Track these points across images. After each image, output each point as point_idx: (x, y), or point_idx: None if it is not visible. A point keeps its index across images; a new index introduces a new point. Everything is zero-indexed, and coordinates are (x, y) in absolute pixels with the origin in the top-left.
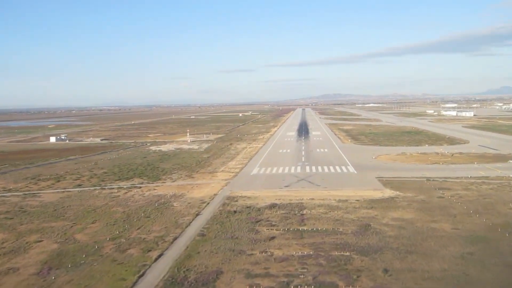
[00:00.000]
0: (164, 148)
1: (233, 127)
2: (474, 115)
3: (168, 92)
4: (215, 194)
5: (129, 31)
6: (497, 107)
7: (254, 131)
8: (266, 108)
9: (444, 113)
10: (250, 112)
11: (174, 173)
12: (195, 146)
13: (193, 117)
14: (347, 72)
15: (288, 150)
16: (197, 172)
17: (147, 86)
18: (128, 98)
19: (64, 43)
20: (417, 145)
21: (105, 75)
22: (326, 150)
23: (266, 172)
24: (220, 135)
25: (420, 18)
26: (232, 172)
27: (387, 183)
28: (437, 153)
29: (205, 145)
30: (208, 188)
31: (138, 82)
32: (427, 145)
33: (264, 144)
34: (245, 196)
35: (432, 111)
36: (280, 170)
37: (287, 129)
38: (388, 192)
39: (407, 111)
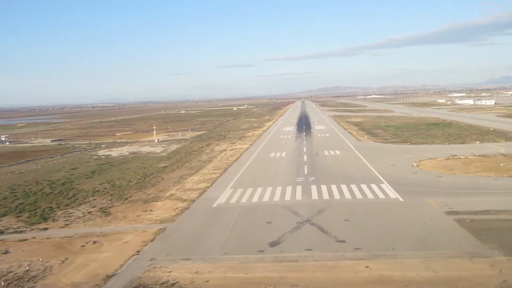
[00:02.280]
0: (116, 152)
1: (221, 122)
2: (495, 104)
3: (167, 88)
4: (108, 276)
5: (128, 28)
6: (509, 95)
7: (244, 126)
8: (264, 102)
9: (459, 102)
10: (246, 106)
11: (88, 201)
12: (158, 149)
13: (184, 112)
14: (346, 64)
15: (284, 154)
16: (126, 199)
17: (146, 82)
18: (127, 95)
19: (64, 41)
20: (463, 143)
21: (106, 73)
22: (337, 152)
23: (241, 201)
24: (201, 132)
25: (419, 9)
26: (184, 201)
27: (479, 230)
28: (507, 156)
29: (173, 147)
30: (113, 250)
31: (138, 79)
32: (477, 142)
33: (251, 145)
34: (174, 283)
35: (444, 101)
36: (267, 196)
37: (284, 123)
38: (510, 269)
39: (415, 101)
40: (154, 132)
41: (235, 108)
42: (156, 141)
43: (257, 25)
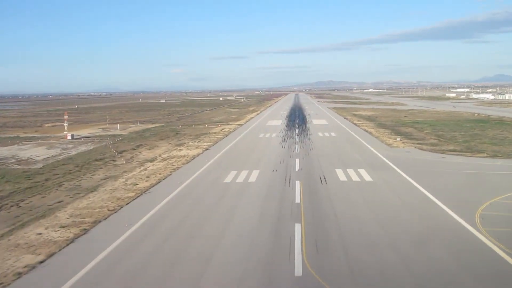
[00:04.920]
0: None
1: (193, 112)
2: None
3: (162, 80)
4: None
5: (122, 19)
6: None
7: (217, 118)
8: (256, 93)
9: (475, 96)
10: (234, 96)
11: None
12: (51, 152)
13: (163, 101)
14: (341, 59)
15: (254, 176)
16: None
17: (142, 73)
18: (122, 85)
19: (60, 32)
20: None
21: (102, 64)
22: (364, 174)
23: None
24: (151, 126)
25: (415, 5)
26: None
27: None
28: None
29: (78, 150)
30: None
31: (134, 70)
32: None
33: (206, 149)
34: None
35: (454, 95)
36: None
37: (271, 115)
38: None
39: (420, 95)
40: (66, 125)
41: (221, 98)
42: (69, 137)
43: (251, 17)
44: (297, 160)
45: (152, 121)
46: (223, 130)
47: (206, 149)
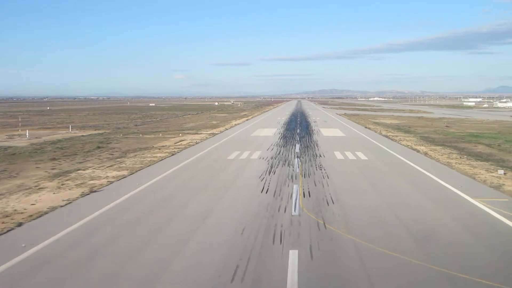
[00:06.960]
0: None
1: (171, 116)
2: None
3: (164, 85)
4: None
5: (126, 24)
6: None
7: (191, 124)
8: (256, 100)
9: (500, 105)
10: (232, 101)
11: None
12: None
13: (153, 105)
14: (344, 67)
15: None
16: None
17: (145, 79)
18: (124, 89)
19: (64, 34)
20: None
21: (106, 67)
22: None
23: None
24: (88, 133)
25: (419, 15)
26: None
27: None
28: None
29: None
30: None
31: (137, 75)
32: None
33: (97, 191)
34: None
35: (473, 104)
36: None
37: (264, 121)
38: None
39: (436, 103)
40: None
41: (216, 103)
42: None
43: (254, 24)
44: (294, 268)
45: (98, 126)
46: (179, 143)
47: (93, 191)
